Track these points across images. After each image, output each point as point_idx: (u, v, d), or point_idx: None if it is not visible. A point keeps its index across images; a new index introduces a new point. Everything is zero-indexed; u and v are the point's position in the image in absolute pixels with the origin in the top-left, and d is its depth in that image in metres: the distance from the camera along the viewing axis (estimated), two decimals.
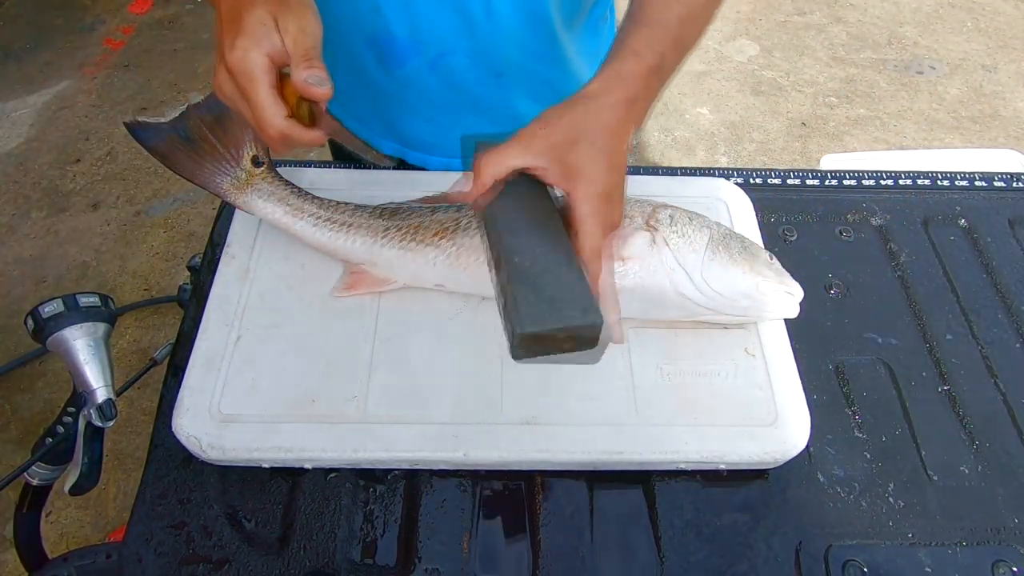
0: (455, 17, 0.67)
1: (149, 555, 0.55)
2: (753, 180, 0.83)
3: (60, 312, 0.67)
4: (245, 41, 0.48)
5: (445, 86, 0.74)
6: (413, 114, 0.78)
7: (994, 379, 0.66)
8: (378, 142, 0.83)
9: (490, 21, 0.67)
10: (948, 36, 2.67)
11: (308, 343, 0.62)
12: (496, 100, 0.76)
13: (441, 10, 0.66)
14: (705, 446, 0.57)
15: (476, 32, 0.68)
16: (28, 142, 2.22)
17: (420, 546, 0.56)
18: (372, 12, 0.67)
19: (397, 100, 0.77)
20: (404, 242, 0.64)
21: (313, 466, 0.58)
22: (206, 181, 0.65)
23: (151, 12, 2.70)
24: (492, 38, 0.69)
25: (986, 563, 0.56)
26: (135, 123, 0.63)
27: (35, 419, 1.61)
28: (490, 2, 0.66)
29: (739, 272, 0.60)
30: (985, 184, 0.83)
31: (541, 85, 0.76)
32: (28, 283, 1.86)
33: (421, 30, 0.68)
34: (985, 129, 2.33)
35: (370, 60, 0.73)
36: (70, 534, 1.45)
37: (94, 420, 0.67)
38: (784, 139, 2.30)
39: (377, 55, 0.72)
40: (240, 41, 0.48)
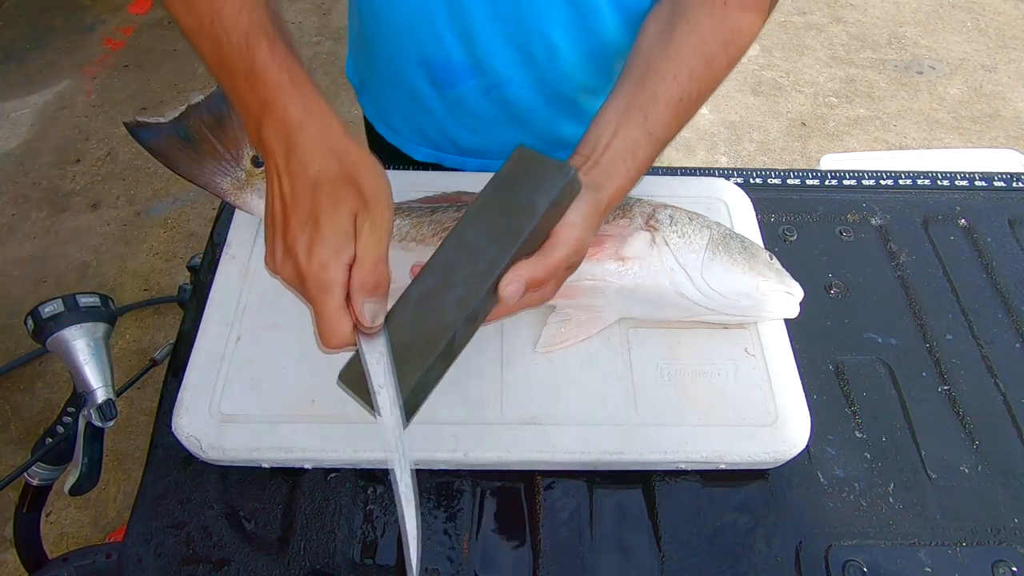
0: (516, 53, 0.67)
1: (149, 555, 0.55)
2: (753, 180, 0.83)
3: (60, 312, 0.67)
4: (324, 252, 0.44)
5: (495, 107, 0.74)
6: (457, 125, 0.78)
7: (994, 379, 0.66)
8: (410, 148, 0.83)
9: (550, 59, 0.67)
10: (948, 36, 2.67)
11: (308, 343, 0.62)
12: (543, 122, 0.76)
13: (502, 45, 0.66)
14: (705, 446, 0.57)
15: (535, 67, 0.68)
16: (28, 142, 2.22)
17: None
18: (431, 38, 0.67)
19: (442, 115, 0.77)
20: (404, 242, 0.64)
21: (313, 466, 0.58)
22: (206, 181, 0.65)
23: (151, 12, 2.70)
24: (550, 73, 0.69)
25: (986, 563, 0.56)
26: (135, 123, 0.63)
27: (35, 419, 1.61)
28: (552, 42, 0.66)
29: (739, 272, 0.60)
30: (985, 184, 0.83)
31: (586, 111, 0.77)
32: (28, 283, 1.86)
33: (480, 60, 0.68)
34: (985, 129, 2.33)
35: (420, 79, 0.73)
36: (70, 534, 1.45)
37: (94, 420, 0.67)
38: (784, 139, 2.30)
39: (430, 76, 0.72)
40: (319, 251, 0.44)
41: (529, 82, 0.70)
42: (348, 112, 2.31)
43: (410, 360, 0.47)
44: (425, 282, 0.49)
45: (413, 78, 0.73)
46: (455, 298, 0.47)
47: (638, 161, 0.55)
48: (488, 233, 0.49)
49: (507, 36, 0.65)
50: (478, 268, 0.48)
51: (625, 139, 0.54)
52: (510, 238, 0.48)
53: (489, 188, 0.51)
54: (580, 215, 0.51)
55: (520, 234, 0.48)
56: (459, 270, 0.48)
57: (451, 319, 0.47)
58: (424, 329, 0.47)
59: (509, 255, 0.48)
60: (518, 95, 0.72)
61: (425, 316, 0.48)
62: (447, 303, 0.47)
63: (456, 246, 0.49)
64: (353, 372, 0.47)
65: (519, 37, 0.65)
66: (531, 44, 0.66)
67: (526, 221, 0.49)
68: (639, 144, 0.54)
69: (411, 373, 0.46)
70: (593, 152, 0.54)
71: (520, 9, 0.63)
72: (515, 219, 0.49)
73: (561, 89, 0.72)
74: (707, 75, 0.56)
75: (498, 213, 0.50)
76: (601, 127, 0.55)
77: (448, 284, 0.48)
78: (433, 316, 0.47)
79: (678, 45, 0.56)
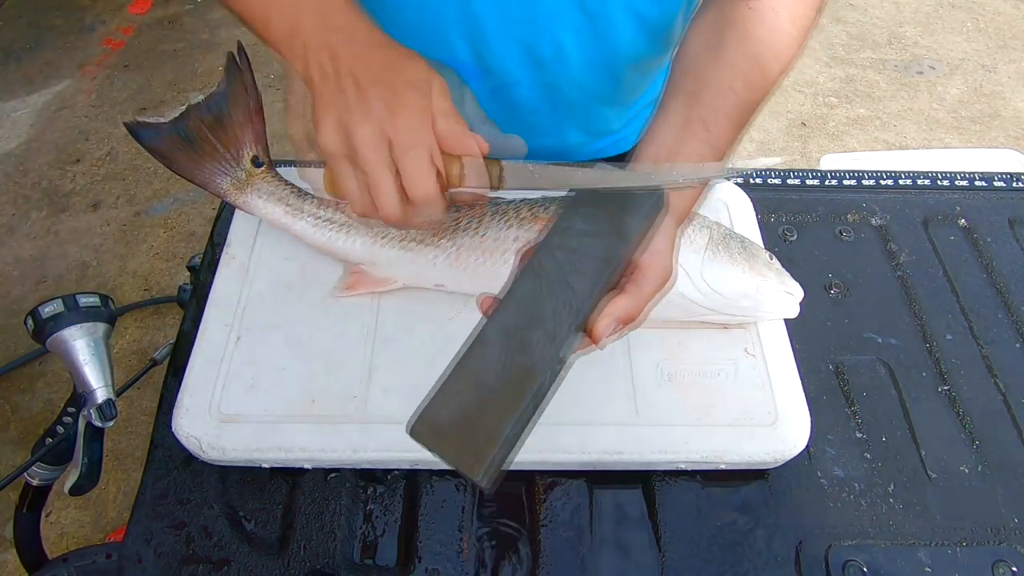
0: (524, 56, 0.67)
1: (149, 555, 0.55)
2: (753, 180, 0.83)
3: (60, 312, 0.67)
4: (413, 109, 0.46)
5: (502, 110, 0.73)
6: None
7: (994, 379, 0.66)
8: None
9: (558, 63, 0.67)
10: (948, 36, 2.67)
11: (308, 343, 0.62)
12: (550, 127, 0.76)
13: (511, 46, 0.66)
14: (705, 446, 0.57)
15: (543, 71, 0.68)
16: (28, 142, 2.22)
17: (420, 546, 0.56)
18: (438, 37, 0.67)
19: None
20: (404, 242, 0.64)
21: (313, 466, 0.58)
22: (206, 181, 0.65)
23: (151, 12, 2.70)
24: (558, 78, 0.69)
25: (986, 563, 0.56)
26: (135, 123, 0.63)
27: (35, 419, 1.61)
28: (561, 46, 0.65)
29: (739, 272, 0.60)
30: (985, 184, 0.83)
31: (596, 120, 0.77)
32: (28, 283, 1.86)
33: (488, 62, 0.68)
34: (985, 129, 2.33)
35: None
36: (70, 534, 1.45)
37: (94, 420, 0.67)
38: (784, 139, 2.30)
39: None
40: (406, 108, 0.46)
41: (536, 85, 0.70)
42: None
43: (499, 407, 0.41)
44: (505, 316, 0.43)
45: None
46: (546, 335, 0.42)
47: None
48: (573, 260, 0.45)
49: (516, 37, 0.65)
50: (567, 300, 0.43)
51: (688, 154, 0.53)
52: (600, 266, 0.44)
53: (568, 210, 0.47)
54: (666, 240, 0.49)
55: (611, 262, 0.45)
56: (545, 302, 0.43)
57: (542, 358, 0.42)
58: (512, 371, 0.42)
59: (600, 286, 0.44)
60: (525, 97, 0.71)
61: (511, 355, 0.42)
62: (535, 340, 0.42)
63: (537, 275, 0.44)
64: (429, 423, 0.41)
65: (528, 39, 0.65)
66: (540, 46, 0.66)
67: (617, 247, 0.45)
68: (704, 157, 0.54)
69: (500, 421, 0.40)
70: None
71: (531, 11, 0.63)
72: (603, 244, 0.45)
73: (568, 94, 0.71)
74: (762, 84, 0.56)
75: (582, 238, 0.46)
76: (658, 143, 0.54)
77: (534, 319, 0.43)
78: (521, 355, 0.42)
79: (730, 56, 0.55)
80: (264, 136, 0.66)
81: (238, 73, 0.64)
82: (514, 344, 0.42)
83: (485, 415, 0.40)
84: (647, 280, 0.48)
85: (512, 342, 0.42)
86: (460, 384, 0.42)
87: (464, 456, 0.40)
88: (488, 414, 0.40)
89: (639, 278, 0.48)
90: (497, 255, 0.62)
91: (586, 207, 0.47)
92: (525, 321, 0.43)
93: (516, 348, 0.42)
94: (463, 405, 0.41)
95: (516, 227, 0.63)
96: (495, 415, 0.40)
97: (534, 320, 0.43)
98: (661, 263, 0.49)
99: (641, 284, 0.47)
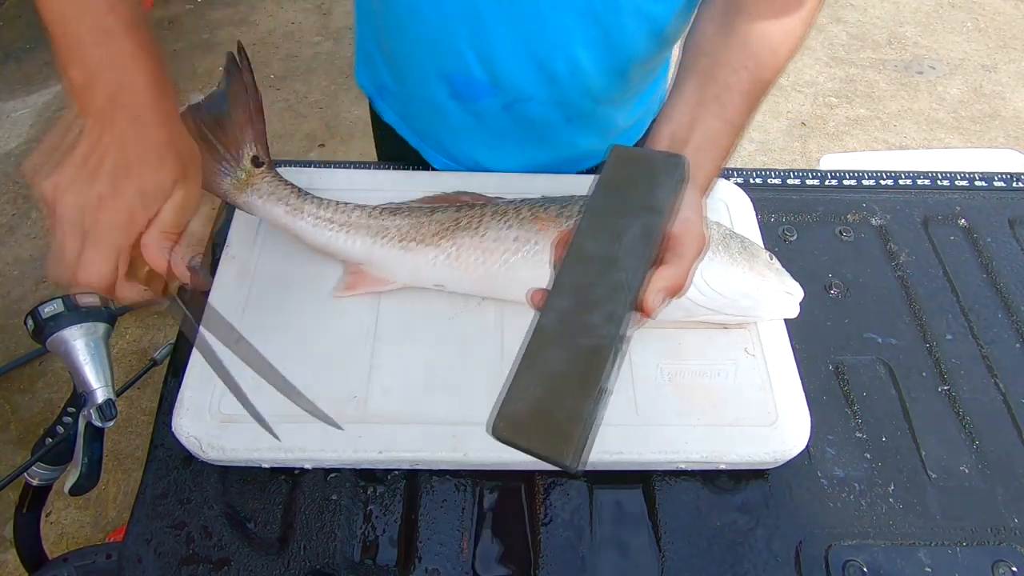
0: (537, 72, 0.67)
1: (149, 555, 0.55)
2: (753, 180, 0.83)
3: (60, 312, 0.67)
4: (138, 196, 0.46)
5: (515, 124, 0.74)
6: (476, 141, 0.78)
7: (994, 379, 0.66)
8: (431, 155, 0.84)
9: (573, 76, 0.67)
10: (948, 36, 2.68)
11: (308, 343, 0.62)
12: (563, 137, 0.76)
13: (524, 63, 0.66)
14: (705, 446, 0.57)
15: (557, 85, 0.68)
16: (28, 142, 2.22)
17: (420, 546, 0.56)
18: (452, 54, 0.67)
19: (463, 128, 0.77)
20: (404, 242, 0.64)
21: (313, 466, 0.58)
22: (206, 181, 0.65)
23: (151, 12, 2.70)
24: (571, 90, 0.69)
25: (986, 563, 0.56)
26: None
27: (35, 419, 1.61)
28: (576, 60, 0.66)
29: (739, 272, 0.60)
30: (985, 184, 0.83)
31: (606, 123, 0.77)
32: (28, 283, 1.86)
33: (501, 78, 0.68)
34: (985, 129, 2.33)
35: (441, 91, 0.72)
36: (70, 534, 1.45)
37: (94, 420, 0.67)
38: (784, 139, 2.30)
39: (450, 90, 0.72)
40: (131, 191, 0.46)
41: (550, 99, 0.70)
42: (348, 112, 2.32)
43: (574, 389, 0.41)
44: (560, 305, 0.44)
45: (435, 91, 0.73)
46: (604, 316, 0.43)
47: (721, 150, 0.55)
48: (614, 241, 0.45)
49: (529, 55, 0.65)
50: (617, 280, 0.44)
51: (705, 130, 0.55)
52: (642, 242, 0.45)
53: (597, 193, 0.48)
54: (692, 209, 0.51)
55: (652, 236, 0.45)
56: (596, 285, 0.44)
57: (607, 338, 0.42)
58: (579, 354, 0.42)
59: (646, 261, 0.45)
60: (538, 112, 0.72)
61: (575, 339, 0.42)
62: (595, 322, 0.43)
63: (581, 261, 0.45)
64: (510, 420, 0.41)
65: (541, 56, 0.65)
66: (554, 63, 0.66)
67: (655, 221, 0.46)
68: (720, 133, 0.55)
69: (579, 403, 0.40)
70: (672, 145, 0.55)
71: (544, 28, 0.63)
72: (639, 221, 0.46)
73: (582, 104, 0.72)
74: (772, 64, 0.57)
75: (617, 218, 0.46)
76: (676, 121, 0.56)
77: (589, 303, 0.43)
78: (584, 338, 0.42)
79: (743, 36, 0.57)
80: (264, 136, 0.66)
81: (238, 73, 0.64)
82: (576, 329, 0.43)
83: (562, 401, 0.41)
84: (685, 248, 0.49)
85: (573, 327, 0.43)
86: (531, 376, 0.42)
87: (552, 444, 0.40)
88: (565, 399, 0.41)
89: (677, 247, 0.49)
90: (497, 255, 0.62)
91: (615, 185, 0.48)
92: (581, 305, 0.44)
93: (579, 332, 0.43)
94: (538, 396, 0.41)
95: (516, 227, 0.63)
96: (572, 399, 0.41)
97: (590, 303, 0.43)
98: (694, 230, 0.50)
99: (681, 253, 0.49)
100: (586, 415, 0.40)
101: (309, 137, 2.24)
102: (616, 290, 0.44)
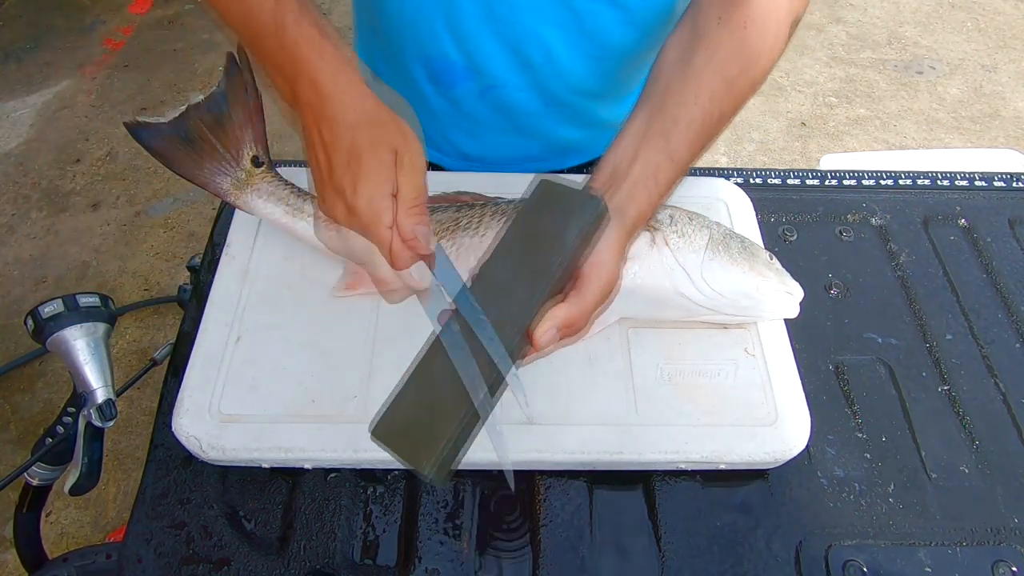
0: (512, 56, 0.66)
1: (149, 555, 0.55)
2: (753, 180, 0.83)
3: (60, 312, 0.67)
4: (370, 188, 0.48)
5: (493, 110, 0.74)
6: (458, 129, 0.78)
7: (994, 379, 0.66)
8: None
9: (548, 63, 0.67)
10: (948, 36, 2.67)
11: (308, 343, 0.62)
12: (541, 127, 0.76)
13: (497, 47, 0.66)
14: (705, 446, 0.57)
15: (532, 71, 0.68)
16: (28, 142, 2.22)
17: (420, 546, 0.56)
18: (430, 36, 0.67)
19: (443, 115, 0.77)
20: None
21: (313, 466, 0.58)
22: (206, 181, 0.65)
23: (151, 12, 2.70)
24: (548, 78, 0.69)
25: (986, 563, 0.56)
26: (135, 123, 0.63)
27: (35, 419, 1.61)
28: (548, 47, 0.65)
29: (739, 272, 0.60)
30: (985, 184, 0.83)
31: (587, 115, 0.77)
32: (28, 283, 1.86)
33: (476, 62, 0.68)
34: (985, 129, 2.33)
35: (421, 76, 0.73)
36: (70, 534, 1.45)
37: (94, 420, 0.67)
38: (784, 139, 2.30)
39: (429, 74, 0.72)
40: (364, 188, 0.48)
41: (526, 85, 0.70)
42: None
43: (446, 410, 0.44)
44: (455, 325, 0.46)
45: (415, 75, 0.73)
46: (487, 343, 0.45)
47: (660, 186, 0.54)
48: (516, 270, 0.46)
49: (502, 39, 0.65)
50: (510, 310, 0.45)
51: (646, 163, 0.53)
52: (540, 276, 0.46)
53: (514, 222, 0.49)
54: (609, 248, 0.50)
55: (551, 271, 0.46)
56: (489, 312, 0.45)
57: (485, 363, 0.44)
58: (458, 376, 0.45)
59: (541, 295, 0.45)
60: (515, 98, 0.71)
61: None
62: (480, 347, 0.45)
63: (483, 286, 0.47)
64: (388, 425, 0.45)
65: (514, 40, 0.65)
66: (527, 48, 0.66)
67: (556, 257, 0.46)
68: (660, 168, 0.54)
69: (448, 424, 0.43)
70: (613, 178, 0.53)
71: (514, 12, 0.63)
72: (544, 255, 0.46)
73: (559, 93, 0.71)
74: (727, 98, 0.56)
75: (525, 249, 0.47)
76: (620, 153, 0.54)
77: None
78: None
79: (698, 68, 0.55)
80: (264, 136, 0.66)
81: (238, 73, 0.64)
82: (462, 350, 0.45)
83: (434, 417, 0.44)
84: (589, 288, 0.48)
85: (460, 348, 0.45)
86: (415, 387, 0.46)
87: (415, 454, 0.44)
88: (437, 416, 0.44)
89: (581, 286, 0.48)
90: None
91: (530, 217, 0.49)
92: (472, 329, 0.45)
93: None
94: (417, 407, 0.45)
95: None
96: (443, 417, 0.44)
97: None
98: (605, 272, 0.49)
99: (583, 292, 0.48)
100: (451, 433, 0.43)
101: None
102: (505, 320, 0.45)
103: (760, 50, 0.56)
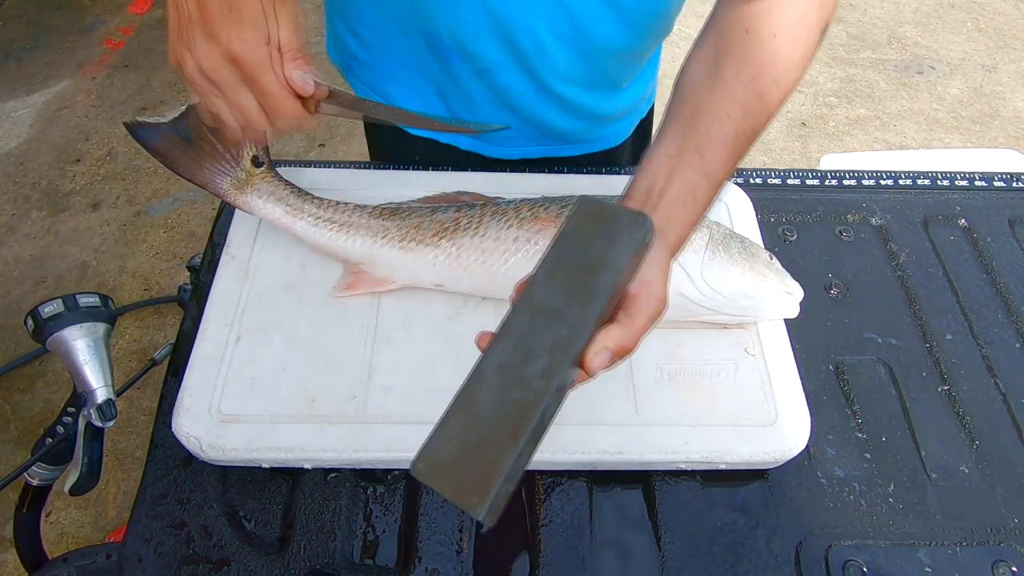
0: (502, 43, 0.66)
1: (149, 555, 0.55)
2: (753, 180, 0.83)
3: (60, 312, 0.67)
4: (252, 33, 0.48)
5: (486, 90, 0.73)
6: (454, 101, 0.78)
7: (994, 379, 0.66)
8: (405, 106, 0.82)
9: (539, 55, 0.67)
10: (948, 36, 2.67)
11: (308, 343, 0.62)
12: (535, 112, 0.76)
13: (490, 36, 0.66)
14: (705, 446, 0.57)
15: (524, 60, 0.68)
16: (28, 142, 2.22)
17: (420, 546, 0.56)
18: (426, 15, 0.67)
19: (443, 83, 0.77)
20: (404, 242, 0.64)
21: (313, 466, 0.58)
22: (206, 181, 0.65)
23: (151, 12, 2.70)
24: (540, 67, 0.69)
25: (986, 563, 0.56)
26: (135, 123, 0.63)
27: (35, 419, 1.60)
28: (540, 40, 0.65)
29: (739, 272, 0.60)
30: (985, 184, 0.83)
31: (582, 108, 0.76)
32: (28, 283, 1.86)
33: (468, 47, 0.68)
34: (985, 129, 2.33)
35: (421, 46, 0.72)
36: (70, 534, 1.45)
37: (94, 420, 0.67)
38: (784, 139, 2.30)
39: (428, 45, 0.72)
40: (247, 33, 0.48)
41: (518, 71, 0.70)
42: None
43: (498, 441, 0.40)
44: (500, 352, 0.43)
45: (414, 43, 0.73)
46: (539, 369, 0.42)
47: (698, 204, 0.53)
48: (565, 294, 0.45)
49: (495, 29, 0.65)
50: (560, 334, 0.43)
51: (682, 182, 0.52)
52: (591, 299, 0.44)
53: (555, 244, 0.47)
54: (657, 270, 0.49)
55: (602, 294, 0.44)
56: (539, 337, 0.43)
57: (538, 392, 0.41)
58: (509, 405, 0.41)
59: (593, 319, 0.44)
60: (507, 82, 0.71)
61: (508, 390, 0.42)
62: (530, 374, 0.42)
63: (531, 310, 0.44)
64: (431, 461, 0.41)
65: (504, 28, 0.65)
66: (517, 36, 0.65)
67: (607, 279, 0.45)
68: (698, 186, 0.53)
69: (499, 457, 0.40)
70: (648, 198, 0.52)
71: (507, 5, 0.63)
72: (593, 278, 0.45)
73: (551, 83, 0.71)
74: (760, 111, 0.55)
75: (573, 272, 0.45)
76: (652, 172, 0.53)
77: (529, 353, 0.43)
78: (517, 390, 0.42)
79: (728, 83, 0.54)
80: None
81: None
82: (510, 380, 0.42)
83: (484, 451, 0.40)
84: (639, 311, 0.47)
85: (508, 378, 0.42)
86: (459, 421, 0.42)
87: (465, 493, 0.40)
88: (487, 450, 0.40)
89: (631, 309, 0.47)
90: (497, 255, 0.62)
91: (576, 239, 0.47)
92: (521, 356, 0.43)
93: (513, 384, 0.42)
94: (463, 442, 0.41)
95: (516, 227, 0.63)
96: (494, 451, 0.40)
97: (529, 355, 0.43)
98: (653, 293, 0.48)
99: (633, 315, 0.47)
100: (505, 471, 0.39)
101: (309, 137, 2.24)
102: (556, 345, 0.43)
103: (792, 60, 0.55)
